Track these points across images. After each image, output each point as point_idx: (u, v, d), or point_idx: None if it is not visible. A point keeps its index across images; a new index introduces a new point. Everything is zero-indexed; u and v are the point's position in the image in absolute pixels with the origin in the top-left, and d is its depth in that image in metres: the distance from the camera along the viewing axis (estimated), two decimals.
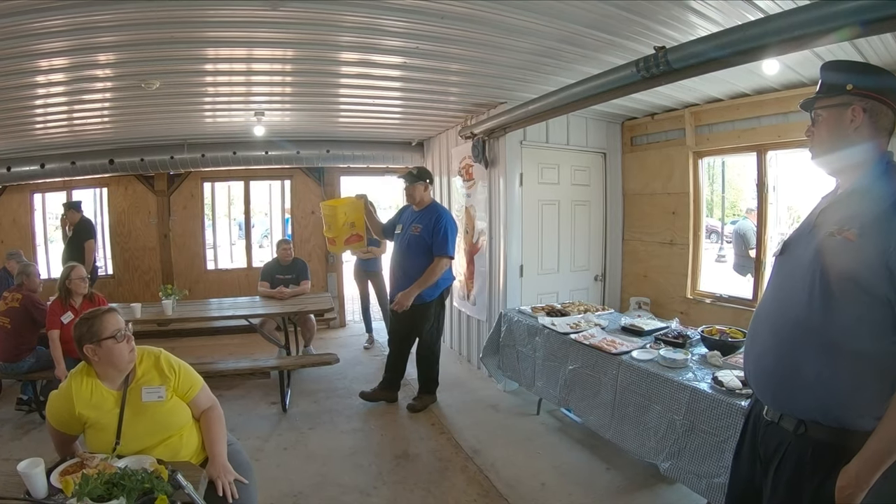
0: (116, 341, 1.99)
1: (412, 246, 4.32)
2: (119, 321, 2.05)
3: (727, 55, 2.37)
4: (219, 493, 2.01)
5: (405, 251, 4.39)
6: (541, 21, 2.89)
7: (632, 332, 3.67)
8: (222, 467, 2.09)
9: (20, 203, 6.87)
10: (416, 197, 4.42)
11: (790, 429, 1.49)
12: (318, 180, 7.46)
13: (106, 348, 1.97)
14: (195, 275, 7.29)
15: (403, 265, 4.39)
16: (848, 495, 1.33)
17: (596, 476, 3.36)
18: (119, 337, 2.00)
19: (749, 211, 6.45)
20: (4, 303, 4.22)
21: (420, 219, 4.34)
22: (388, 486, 3.31)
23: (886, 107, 1.47)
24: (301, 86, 4.24)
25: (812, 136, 1.58)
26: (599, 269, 5.62)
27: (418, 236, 4.29)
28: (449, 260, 4.31)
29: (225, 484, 2.03)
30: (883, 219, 1.35)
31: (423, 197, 4.43)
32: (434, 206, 4.46)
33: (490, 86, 4.26)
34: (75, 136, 5.38)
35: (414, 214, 4.42)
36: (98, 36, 2.86)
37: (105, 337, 1.97)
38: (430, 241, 4.25)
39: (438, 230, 4.24)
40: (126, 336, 2.04)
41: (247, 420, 4.22)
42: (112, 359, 2.00)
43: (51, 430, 2.08)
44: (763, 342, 1.60)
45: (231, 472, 2.09)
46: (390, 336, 4.73)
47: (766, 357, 1.58)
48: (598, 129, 5.41)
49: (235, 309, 5.14)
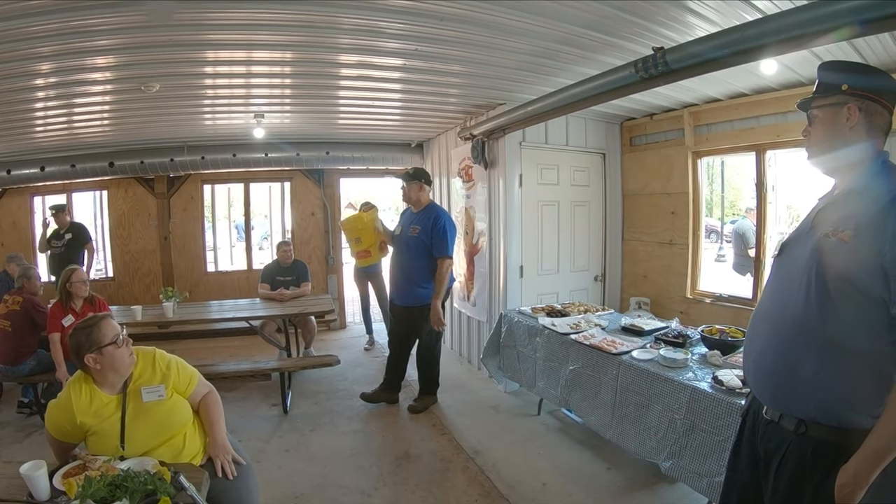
0: (117, 346, 2.00)
1: (411, 247, 4.33)
2: (116, 326, 2.05)
3: (725, 55, 2.37)
4: (218, 471, 2.04)
5: (404, 252, 4.39)
6: (539, 22, 2.89)
7: (632, 332, 3.68)
8: (221, 447, 2.13)
9: (20, 206, 6.88)
10: (413, 197, 4.42)
11: (791, 428, 1.49)
12: (317, 182, 7.47)
13: (108, 355, 1.98)
14: (195, 277, 7.30)
15: (403, 266, 4.40)
16: (847, 493, 1.34)
17: (597, 476, 3.36)
18: (119, 342, 2.01)
19: (748, 210, 6.45)
20: (5, 306, 4.22)
21: (418, 220, 4.35)
22: (389, 487, 3.31)
23: (882, 106, 1.48)
24: (300, 88, 4.25)
25: (808, 136, 1.59)
26: (599, 269, 5.63)
27: (417, 238, 4.29)
28: (450, 260, 4.32)
29: (224, 462, 2.07)
30: (878, 219, 1.35)
31: (420, 197, 4.43)
32: (432, 207, 4.46)
33: (489, 87, 4.27)
34: (75, 139, 5.39)
35: (412, 216, 4.43)
36: (97, 39, 2.87)
37: (106, 344, 1.98)
38: (428, 242, 4.25)
39: (437, 231, 4.24)
40: (125, 340, 2.05)
41: (248, 422, 4.22)
42: (114, 364, 2.00)
43: (50, 440, 2.07)
44: (762, 342, 1.60)
45: (230, 450, 2.13)
46: (390, 338, 4.73)
47: (764, 357, 1.58)
48: (597, 130, 5.42)
49: (236, 311, 5.15)
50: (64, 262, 5.83)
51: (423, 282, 4.30)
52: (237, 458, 2.14)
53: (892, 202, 1.35)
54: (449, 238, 4.27)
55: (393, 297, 4.58)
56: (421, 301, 4.30)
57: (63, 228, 6.20)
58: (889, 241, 1.31)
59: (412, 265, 4.32)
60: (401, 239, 4.46)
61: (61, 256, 6.08)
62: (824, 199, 1.59)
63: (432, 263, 4.27)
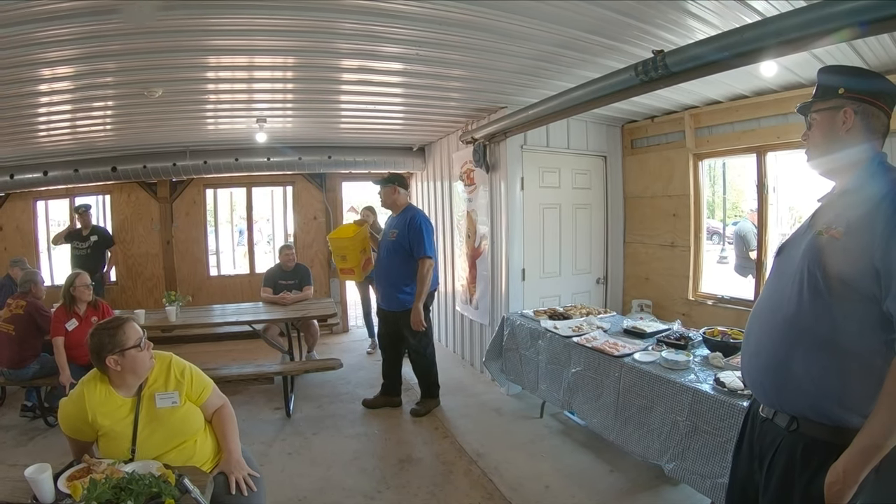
0: (140, 350, 2.01)
1: (391, 251, 4.36)
2: (138, 329, 2.06)
3: (725, 58, 2.38)
4: (232, 488, 2.03)
5: (386, 257, 4.42)
6: (539, 26, 2.90)
7: (634, 334, 3.68)
8: (236, 463, 2.11)
9: (23, 210, 6.91)
10: (390, 201, 4.45)
11: (783, 425, 1.51)
12: (319, 186, 7.49)
13: (129, 357, 1.98)
14: (198, 281, 7.32)
15: (386, 270, 4.42)
16: (836, 491, 1.34)
17: (600, 478, 3.36)
18: (142, 345, 2.02)
19: (751, 211, 6.44)
20: (9, 309, 4.24)
21: (396, 223, 4.39)
22: (391, 489, 3.31)
23: (878, 109, 1.49)
24: (302, 92, 4.26)
25: (807, 139, 1.61)
26: (601, 271, 5.63)
27: (396, 241, 4.32)
28: (431, 260, 4.30)
29: (239, 479, 2.06)
30: (869, 216, 1.36)
31: (397, 200, 4.45)
32: (408, 209, 4.48)
33: (490, 91, 4.28)
34: (78, 144, 5.41)
35: (392, 220, 4.48)
36: (101, 45, 2.88)
37: (129, 346, 1.98)
38: (407, 244, 4.27)
39: (414, 230, 4.25)
40: (147, 344, 2.06)
41: (251, 425, 4.23)
42: (135, 367, 2.01)
43: (67, 438, 2.10)
44: (756, 341, 1.62)
45: (245, 467, 2.12)
46: (381, 342, 4.74)
47: (759, 355, 1.60)
48: (598, 133, 5.43)
49: (239, 315, 5.15)
50: (89, 263, 5.97)
51: (405, 286, 4.31)
52: (252, 473, 2.13)
53: (882, 199, 1.36)
54: (426, 236, 4.26)
55: (379, 301, 4.60)
56: (404, 305, 4.31)
57: (87, 230, 6.31)
58: (879, 237, 1.31)
59: (394, 269, 4.34)
60: (383, 244, 4.49)
61: (87, 258, 6.19)
62: (823, 199, 1.61)
63: (414, 265, 4.28)
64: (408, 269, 4.28)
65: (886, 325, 1.33)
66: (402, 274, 4.30)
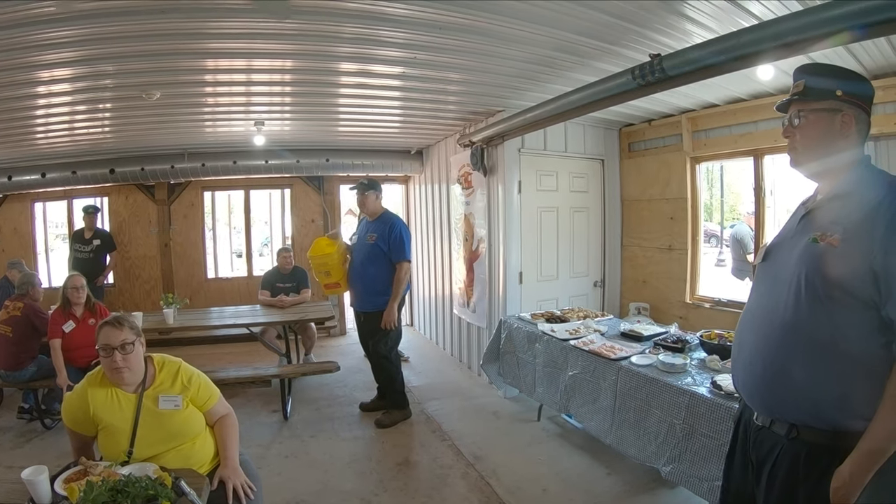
0: (106, 356, 2.00)
1: (369, 255, 4.35)
2: (110, 336, 2.01)
3: (722, 61, 2.40)
4: (229, 495, 2.03)
5: (363, 260, 4.40)
6: (536, 30, 2.92)
7: (631, 337, 3.69)
8: (234, 470, 2.12)
9: (21, 212, 6.89)
10: (369, 206, 4.46)
11: (782, 433, 1.49)
12: (317, 189, 7.49)
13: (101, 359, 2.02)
14: (196, 283, 7.31)
15: (361, 274, 4.40)
16: (842, 495, 1.34)
17: (597, 481, 3.36)
18: (104, 352, 2.00)
19: (748, 214, 6.46)
20: (6, 311, 4.23)
21: (375, 228, 4.39)
22: (389, 493, 3.31)
23: (866, 113, 1.50)
24: (300, 96, 4.28)
25: (793, 137, 1.56)
26: (598, 275, 5.64)
27: (374, 245, 4.32)
28: (408, 264, 4.36)
29: (237, 486, 2.06)
30: (865, 223, 1.36)
31: (375, 206, 4.47)
32: (387, 215, 4.50)
33: (488, 94, 4.30)
34: (76, 146, 5.42)
35: (368, 224, 4.47)
36: (99, 47, 2.89)
37: (97, 347, 2.02)
38: (386, 249, 4.29)
39: (394, 238, 4.28)
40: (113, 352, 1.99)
41: (248, 428, 4.21)
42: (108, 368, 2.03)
43: (68, 431, 2.12)
44: (751, 349, 1.59)
45: (242, 475, 2.12)
46: (362, 345, 4.74)
47: (754, 363, 1.57)
48: (595, 136, 5.45)
49: (236, 317, 5.15)
50: (91, 267, 6.01)
51: (380, 287, 4.31)
52: (249, 483, 2.13)
53: (878, 206, 1.36)
54: (405, 243, 4.33)
55: (353, 303, 4.61)
56: (376, 307, 4.32)
57: (90, 232, 6.33)
58: (878, 243, 1.31)
59: (370, 272, 4.34)
60: (358, 248, 4.49)
61: (89, 262, 6.21)
62: (808, 203, 1.59)
63: (390, 269, 4.29)
64: (383, 272, 4.30)
65: (886, 328, 1.33)
66: (377, 275, 4.31)
